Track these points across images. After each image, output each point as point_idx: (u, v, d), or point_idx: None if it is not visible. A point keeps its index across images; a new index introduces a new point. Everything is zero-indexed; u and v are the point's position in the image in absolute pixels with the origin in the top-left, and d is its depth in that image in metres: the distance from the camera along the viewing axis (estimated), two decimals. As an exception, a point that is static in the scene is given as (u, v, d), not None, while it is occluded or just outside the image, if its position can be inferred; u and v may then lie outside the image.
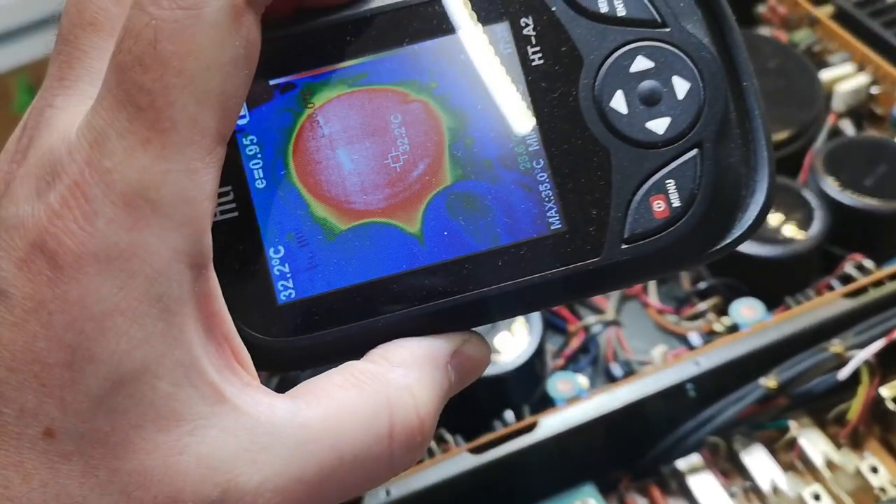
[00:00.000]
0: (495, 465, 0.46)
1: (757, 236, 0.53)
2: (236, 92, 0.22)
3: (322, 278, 0.25)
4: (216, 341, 0.22)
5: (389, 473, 0.24)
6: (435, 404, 0.25)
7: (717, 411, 0.48)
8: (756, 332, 0.49)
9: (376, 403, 0.24)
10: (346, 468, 0.23)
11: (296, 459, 0.22)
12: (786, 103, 0.62)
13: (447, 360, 0.25)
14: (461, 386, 0.27)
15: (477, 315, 0.26)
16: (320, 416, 0.23)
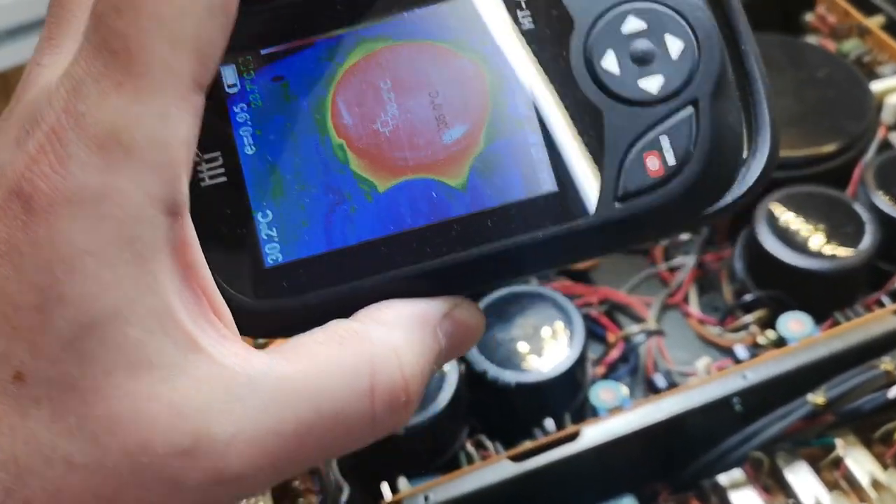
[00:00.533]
0: (536, 473, 0.45)
1: (806, 249, 0.52)
2: (212, 39, 0.22)
3: (309, 241, 0.25)
4: (192, 292, 0.22)
5: (371, 434, 0.24)
6: (421, 366, 0.24)
7: (762, 426, 0.47)
8: (805, 346, 0.48)
9: (358, 360, 0.23)
10: (325, 424, 0.23)
11: (272, 412, 0.22)
12: (835, 114, 0.61)
13: (436, 323, 0.25)
14: (453, 353, 0.26)
15: (468, 278, 0.26)
16: (299, 370, 0.23)
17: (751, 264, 0.57)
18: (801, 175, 0.58)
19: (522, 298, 0.53)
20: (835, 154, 0.59)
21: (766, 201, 0.56)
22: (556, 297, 0.53)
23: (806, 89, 0.63)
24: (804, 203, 0.55)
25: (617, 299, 0.59)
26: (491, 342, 0.51)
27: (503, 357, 0.50)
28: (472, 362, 0.50)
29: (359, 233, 0.25)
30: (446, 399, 0.48)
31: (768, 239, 0.53)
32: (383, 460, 0.49)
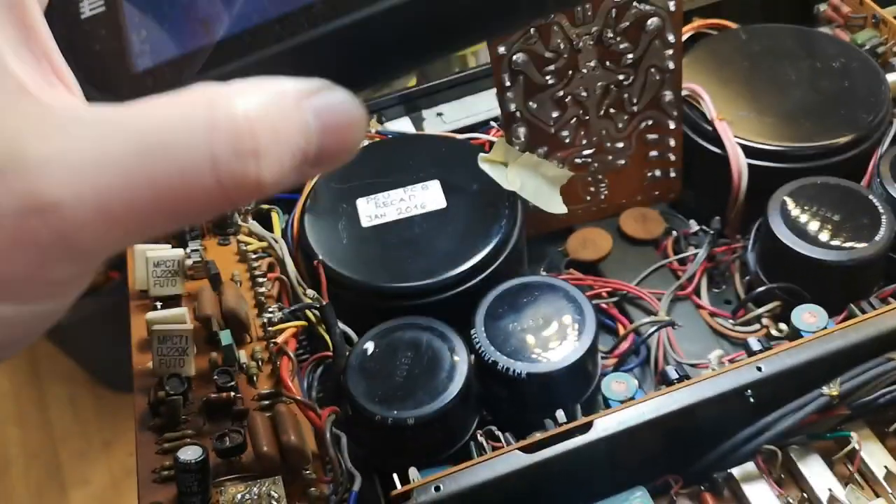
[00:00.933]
0: (547, 464, 0.45)
1: (820, 241, 0.52)
2: None
3: (175, 42, 0.25)
4: (31, 51, 0.22)
5: (213, 177, 0.21)
6: (276, 123, 0.22)
7: (776, 419, 0.47)
8: (820, 339, 0.48)
9: (195, 98, 0.22)
10: (155, 158, 0.21)
11: (93, 140, 0.21)
12: (850, 105, 0.60)
13: (298, 96, 0.22)
14: (329, 141, 0.23)
15: (338, 59, 0.24)
16: (129, 109, 0.21)
17: (764, 256, 0.56)
18: (815, 166, 0.58)
19: (533, 289, 0.53)
20: (850, 145, 0.58)
21: (780, 193, 0.55)
22: (567, 287, 0.52)
23: (821, 80, 0.62)
24: (819, 194, 0.55)
25: (627, 291, 0.59)
26: (502, 333, 0.51)
27: (514, 347, 0.50)
28: (483, 352, 0.50)
29: (218, 30, 0.25)
30: (456, 389, 0.48)
31: (782, 230, 0.53)
32: (394, 452, 0.48)
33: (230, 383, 0.45)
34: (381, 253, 0.56)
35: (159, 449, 0.45)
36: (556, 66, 0.55)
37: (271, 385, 0.46)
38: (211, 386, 0.46)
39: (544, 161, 0.59)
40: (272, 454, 0.41)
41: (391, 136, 0.66)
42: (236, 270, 0.53)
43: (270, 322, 0.48)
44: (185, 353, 0.46)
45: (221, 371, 0.45)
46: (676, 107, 0.59)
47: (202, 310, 0.48)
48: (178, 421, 0.45)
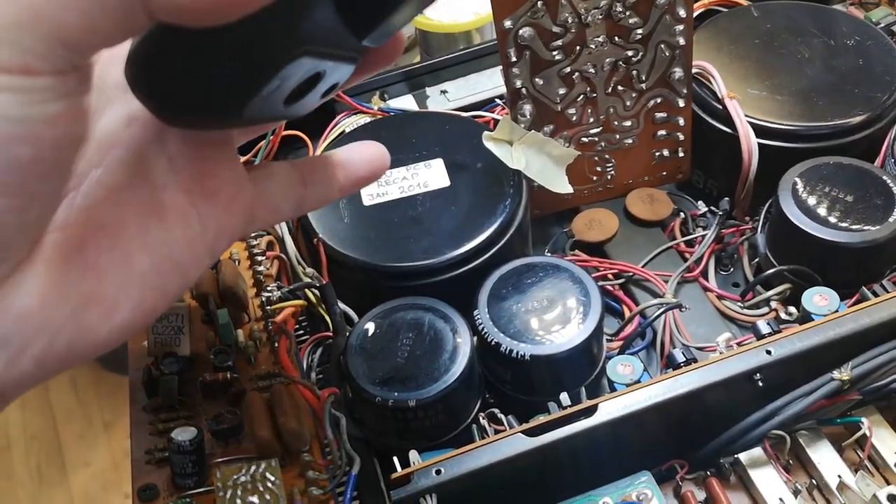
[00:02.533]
0: (550, 448, 0.44)
1: (832, 222, 0.51)
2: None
3: None
4: None
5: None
6: None
7: (785, 403, 0.46)
8: (831, 322, 0.47)
9: None
10: None
11: None
12: (864, 84, 0.59)
13: None
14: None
15: None
16: None
17: (774, 238, 0.55)
18: (828, 146, 0.56)
19: (538, 270, 0.51)
20: (864, 125, 0.57)
21: (791, 173, 0.54)
22: (573, 268, 0.51)
23: (835, 58, 0.61)
24: (831, 175, 0.53)
25: (633, 273, 0.58)
26: (505, 314, 0.50)
27: (518, 329, 0.49)
28: (486, 333, 0.49)
29: None
30: (459, 371, 0.47)
31: (793, 211, 0.52)
32: (395, 434, 0.48)
33: (227, 363, 0.44)
34: (382, 232, 0.55)
35: (154, 429, 0.44)
36: (563, 41, 0.54)
37: (270, 365, 0.45)
38: (208, 366, 0.45)
39: (550, 139, 0.58)
40: (269, 436, 0.40)
41: (394, 113, 0.65)
42: (234, 249, 0.52)
43: (269, 301, 0.47)
44: (180, 332, 0.45)
45: (218, 350, 0.44)
46: (686, 84, 0.57)
47: (199, 287, 0.46)
48: (174, 401, 0.44)
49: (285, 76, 0.27)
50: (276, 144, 0.60)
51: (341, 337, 0.49)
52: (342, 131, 0.63)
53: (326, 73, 0.29)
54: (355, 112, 0.64)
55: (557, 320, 0.49)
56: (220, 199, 0.31)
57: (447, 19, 0.74)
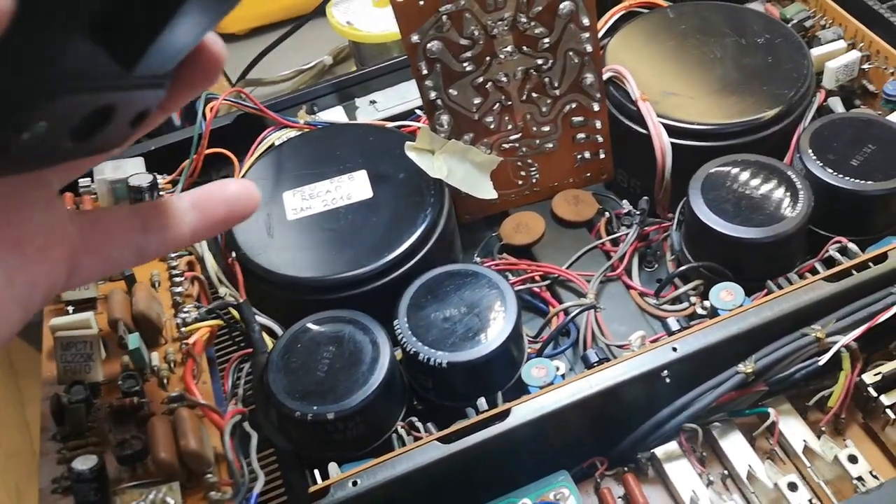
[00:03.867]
0: (466, 453, 0.45)
1: (740, 218, 0.52)
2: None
3: None
4: None
5: None
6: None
7: (693, 397, 0.47)
8: (735, 316, 0.48)
9: None
10: None
11: None
12: (773, 81, 0.60)
13: None
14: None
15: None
16: None
17: (688, 235, 0.56)
18: (739, 143, 0.58)
19: (457, 277, 0.53)
20: (772, 121, 0.58)
21: (701, 172, 0.55)
22: (490, 274, 0.52)
23: (745, 56, 0.62)
24: (739, 172, 0.55)
25: (559, 274, 0.59)
26: (424, 322, 0.51)
27: (436, 337, 0.50)
28: (405, 343, 0.50)
29: None
30: (377, 381, 0.48)
31: (702, 209, 0.53)
32: (320, 447, 0.48)
33: (135, 388, 0.45)
34: (306, 246, 0.56)
35: (61, 458, 0.44)
36: (472, 52, 0.55)
37: (182, 388, 0.46)
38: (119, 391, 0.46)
39: (471, 147, 0.59)
40: (169, 459, 0.41)
41: (320, 126, 0.66)
42: (155, 269, 0.52)
43: (184, 322, 0.48)
44: (90, 359, 0.45)
45: (126, 376, 0.45)
46: (599, 89, 0.58)
47: (111, 313, 0.47)
48: (83, 429, 0.45)
49: (52, 116, 0.25)
50: (198, 163, 0.61)
51: (262, 353, 0.50)
52: (271, 144, 0.64)
53: (119, 105, 0.28)
54: (282, 127, 0.65)
55: (475, 326, 0.50)
56: (27, 248, 0.29)
57: (378, 30, 0.75)
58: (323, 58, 0.88)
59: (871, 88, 0.63)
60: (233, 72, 0.89)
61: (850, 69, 0.63)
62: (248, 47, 0.92)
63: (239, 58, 0.91)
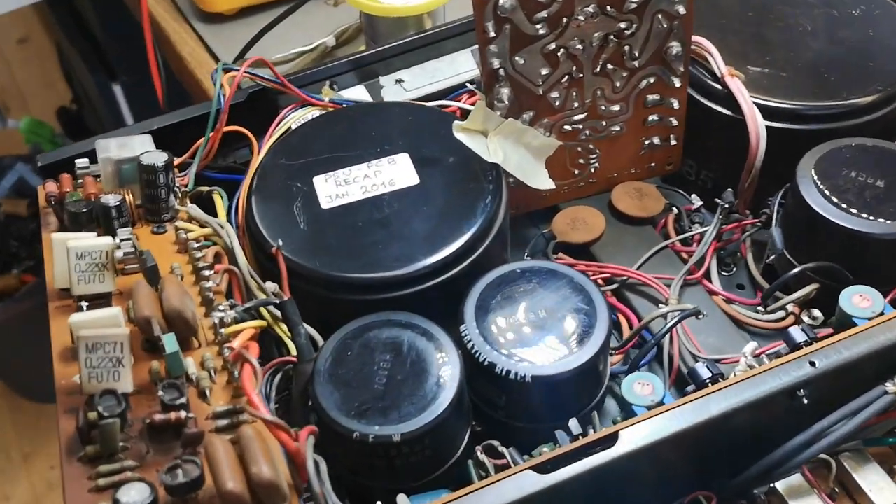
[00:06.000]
0: (566, 485, 0.37)
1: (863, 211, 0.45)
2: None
3: None
4: None
5: None
6: None
7: (833, 422, 0.39)
8: (880, 325, 0.40)
9: None
10: None
11: None
12: (877, 57, 0.53)
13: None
14: None
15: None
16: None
17: (792, 232, 0.49)
18: (841, 127, 0.50)
19: (531, 276, 0.44)
20: (881, 103, 0.51)
21: (809, 157, 0.48)
22: (572, 273, 0.44)
23: (840, 29, 0.55)
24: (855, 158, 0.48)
25: (628, 276, 0.51)
26: (496, 328, 0.42)
27: (512, 346, 0.42)
28: (477, 352, 0.41)
29: None
30: (449, 397, 0.39)
31: (817, 200, 0.46)
32: (375, 473, 0.40)
33: (180, 400, 0.35)
34: (346, 238, 0.47)
35: (93, 486, 0.35)
36: (548, 11, 0.47)
37: (228, 400, 0.37)
38: (154, 403, 0.36)
39: (529, 128, 0.51)
40: (240, 490, 0.32)
41: (347, 104, 0.57)
42: (176, 263, 0.43)
43: (222, 322, 0.39)
44: (120, 364, 0.36)
45: (168, 385, 0.36)
46: (684, 61, 0.51)
47: (139, 310, 0.38)
48: (116, 450, 0.35)
49: None
50: (215, 143, 0.52)
51: (307, 362, 0.41)
52: (288, 127, 0.55)
53: None
54: (304, 105, 0.56)
55: (559, 335, 0.42)
56: None
57: (400, 2, 0.67)
58: (325, 39, 0.79)
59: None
60: (223, 56, 0.80)
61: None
62: (237, 28, 0.84)
63: (228, 40, 0.82)
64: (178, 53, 0.83)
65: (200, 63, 0.81)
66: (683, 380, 0.46)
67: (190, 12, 0.85)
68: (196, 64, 0.81)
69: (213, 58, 0.81)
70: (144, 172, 0.47)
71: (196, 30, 0.84)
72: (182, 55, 0.83)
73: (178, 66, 0.84)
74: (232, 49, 0.79)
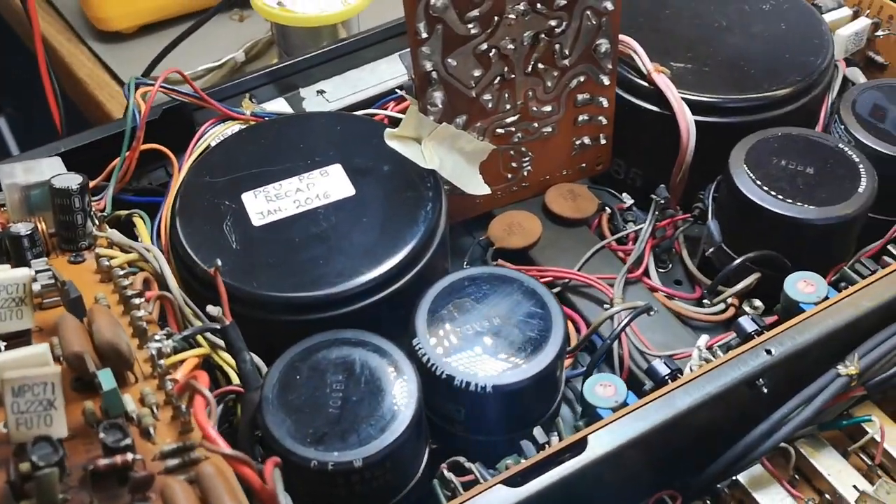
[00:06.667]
0: (539, 497, 0.36)
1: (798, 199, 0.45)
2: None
3: None
4: None
5: None
6: None
7: (791, 409, 0.40)
8: (828, 310, 0.41)
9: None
10: None
11: None
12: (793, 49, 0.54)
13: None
14: None
15: None
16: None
17: (728, 224, 0.49)
18: (766, 118, 0.51)
19: (481, 282, 0.43)
20: (801, 93, 0.52)
21: (740, 149, 0.48)
22: (522, 278, 0.43)
23: (754, 23, 0.56)
24: (783, 148, 0.48)
25: (571, 279, 0.50)
26: (450, 339, 0.41)
27: (468, 357, 0.40)
28: (433, 365, 0.40)
29: None
30: (410, 415, 0.38)
31: (753, 190, 0.46)
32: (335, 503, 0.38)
33: (124, 441, 0.32)
34: (283, 256, 0.45)
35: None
36: (480, 9, 0.46)
37: (175, 437, 0.34)
38: (92, 448, 0.33)
39: (463, 133, 0.50)
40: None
41: (270, 116, 0.55)
42: (100, 293, 0.40)
43: (160, 353, 0.36)
44: (52, 407, 0.33)
45: (109, 426, 0.32)
46: (612, 59, 0.51)
47: (68, 346, 0.34)
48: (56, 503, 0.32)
49: None
50: (132, 162, 0.49)
51: (254, 391, 0.39)
52: (208, 144, 0.53)
53: None
54: (224, 119, 0.53)
55: (515, 341, 0.41)
56: None
57: (314, 11, 0.65)
58: (234, 54, 0.77)
59: (880, 59, 0.58)
60: (125, 77, 0.76)
61: (860, 38, 0.58)
62: (137, 48, 0.80)
63: (129, 60, 0.78)
64: (76, 76, 0.79)
65: (100, 85, 0.77)
66: (636, 380, 0.45)
67: (86, 32, 0.81)
68: (96, 86, 0.77)
69: (114, 79, 0.78)
70: (58, 197, 0.44)
71: (94, 50, 0.80)
72: (80, 77, 0.79)
73: (74, 89, 0.80)
74: (134, 69, 0.75)
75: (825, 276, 0.45)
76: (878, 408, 0.43)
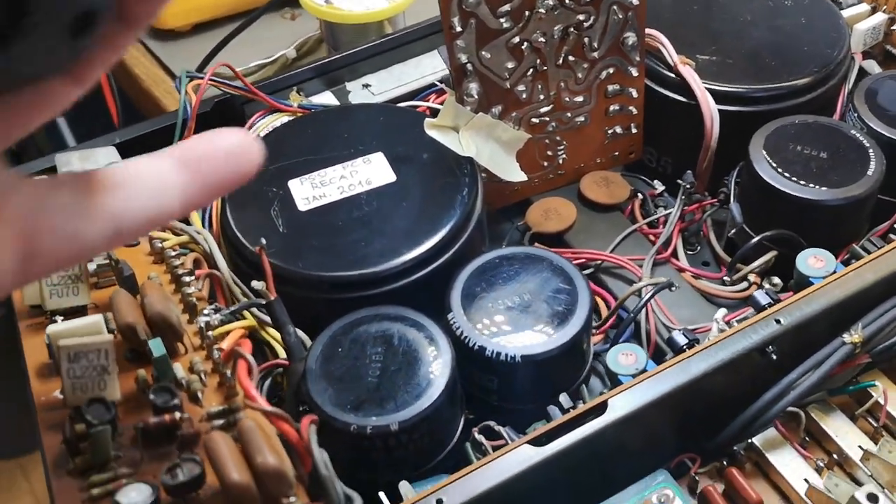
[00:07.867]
0: (561, 456, 0.39)
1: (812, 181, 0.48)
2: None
3: None
4: None
5: None
6: None
7: (799, 375, 0.42)
8: (834, 283, 0.43)
9: None
10: None
11: None
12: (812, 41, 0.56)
13: None
14: None
15: None
16: None
17: (749, 206, 0.52)
18: (786, 107, 0.54)
19: (513, 262, 0.47)
20: (818, 83, 0.54)
21: (759, 136, 0.51)
22: (552, 257, 0.47)
23: (778, 18, 0.58)
24: (799, 134, 0.51)
25: (603, 260, 0.53)
26: (483, 314, 0.44)
27: (501, 330, 0.44)
28: (466, 338, 0.43)
29: None
30: (443, 383, 0.41)
31: (771, 174, 0.49)
32: (373, 466, 0.41)
33: (173, 402, 0.36)
34: (328, 238, 0.49)
35: (86, 497, 0.35)
36: (511, 5, 0.49)
37: (221, 401, 0.38)
38: (142, 411, 0.36)
39: (499, 122, 0.53)
40: (245, 482, 0.33)
41: (316, 109, 0.58)
42: (153, 273, 0.44)
43: (209, 325, 0.39)
44: (105, 372, 0.36)
45: (159, 389, 0.36)
46: (640, 51, 0.53)
47: (122, 317, 0.38)
48: (109, 458, 0.35)
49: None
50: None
51: (298, 361, 0.43)
52: (258, 134, 0.57)
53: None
54: (273, 111, 0.57)
55: (544, 315, 0.44)
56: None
57: (361, 8, 0.69)
58: (285, 50, 0.81)
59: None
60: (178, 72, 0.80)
61: (878, 32, 0.60)
62: (192, 45, 0.85)
63: (183, 57, 0.83)
64: (132, 72, 0.83)
65: (156, 81, 0.82)
66: (662, 352, 0.48)
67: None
68: (152, 82, 0.81)
69: (169, 75, 0.82)
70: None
71: (149, 48, 0.85)
72: (136, 74, 0.83)
73: (131, 85, 0.84)
74: (188, 66, 0.78)
75: (838, 255, 0.47)
76: (884, 375, 0.45)
